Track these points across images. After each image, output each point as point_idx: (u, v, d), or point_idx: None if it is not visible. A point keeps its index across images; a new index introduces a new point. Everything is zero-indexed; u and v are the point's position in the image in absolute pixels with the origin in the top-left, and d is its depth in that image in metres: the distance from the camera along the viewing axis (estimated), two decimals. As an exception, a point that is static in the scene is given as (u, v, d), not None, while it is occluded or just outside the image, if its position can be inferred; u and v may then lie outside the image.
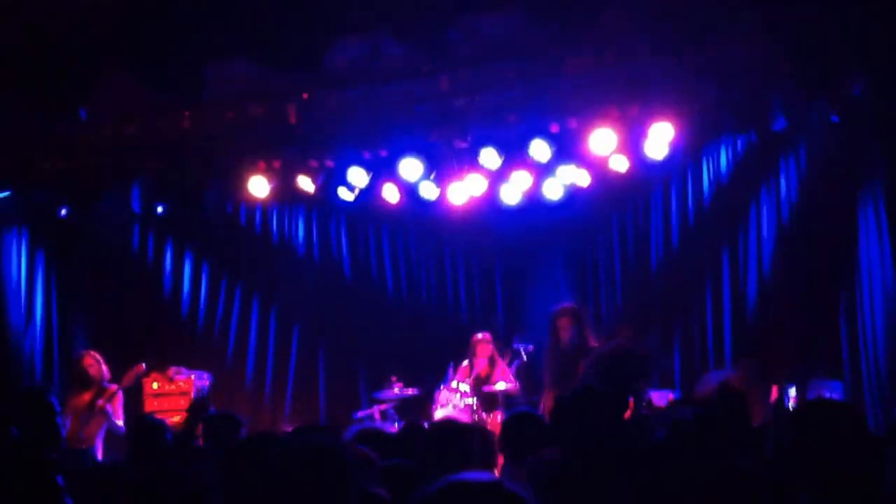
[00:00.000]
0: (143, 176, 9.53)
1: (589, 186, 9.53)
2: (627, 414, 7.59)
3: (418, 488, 2.06)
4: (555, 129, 9.05)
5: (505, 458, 4.74)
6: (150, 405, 8.84)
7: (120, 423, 7.66)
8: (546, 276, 10.05)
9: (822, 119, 8.67)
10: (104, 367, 7.94)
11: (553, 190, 9.65)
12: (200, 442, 5.42)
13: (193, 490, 2.64)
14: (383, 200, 9.78)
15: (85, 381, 7.86)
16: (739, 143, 9.38)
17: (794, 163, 9.12)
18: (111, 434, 7.61)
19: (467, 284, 10.06)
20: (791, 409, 7.49)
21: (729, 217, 9.40)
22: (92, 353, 8.04)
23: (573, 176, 9.44)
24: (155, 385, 8.92)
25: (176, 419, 7.98)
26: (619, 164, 9.28)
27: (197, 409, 5.67)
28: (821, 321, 8.75)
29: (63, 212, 9.39)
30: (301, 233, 10.56)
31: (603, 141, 8.82)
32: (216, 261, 10.35)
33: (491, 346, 8.81)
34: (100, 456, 7.45)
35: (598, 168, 9.35)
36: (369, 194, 9.75)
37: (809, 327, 8.77)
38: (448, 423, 4.84)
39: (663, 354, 9.19)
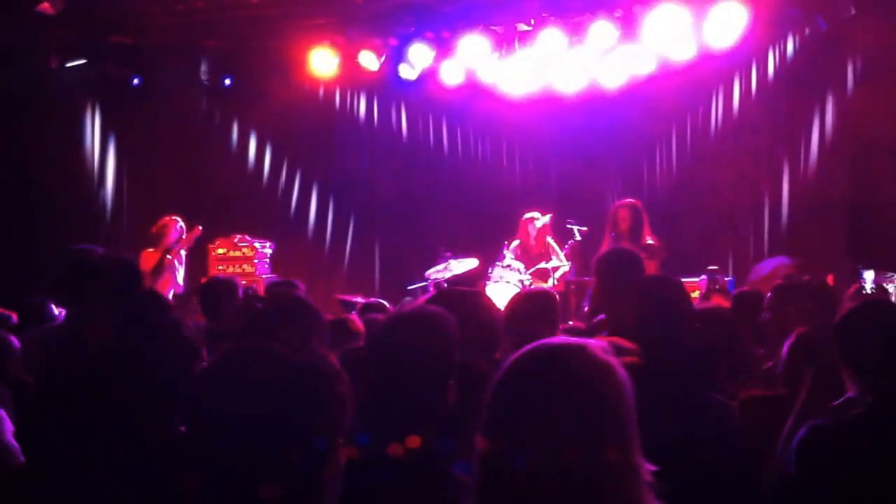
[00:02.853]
0: (211, 50, 9.78)
1: (650, 74, 9.50)
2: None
3: None
4: (619, 11, 9.02)
5: None
6: (214, 268, 9.21)
7: (179, 280, 8.04)
8: (601, 164, 10.12)
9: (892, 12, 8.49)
10: (183, 237, 8.23)
11: (613, 77, 9.64)
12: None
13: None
14: (443, 82, 9.89)
15: (158, 242, 8.20)
16: (808, 34, 9.22)
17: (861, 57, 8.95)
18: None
19: (523, 167, 10.16)
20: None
21: (792, 110, 9.31)
22: (178, 221, 8.30)
23: (635, 62, 9.41)
24: (220, 250, 9.28)
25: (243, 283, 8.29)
26: (684, 51, 9.23)
27: None
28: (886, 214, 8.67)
29: (134, 82, 9.70)
30: (362, 111, 10.73)
31: (668, 23, 8.77)
32: (279, 135, 10.57)
33: (545, 226, 8.95)
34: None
35: (661, 55, 9.30)
36: (430, 77, 9.87)
37: (873, 220, 8.71)
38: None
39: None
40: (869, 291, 7.40)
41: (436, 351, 2.44)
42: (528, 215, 9.05)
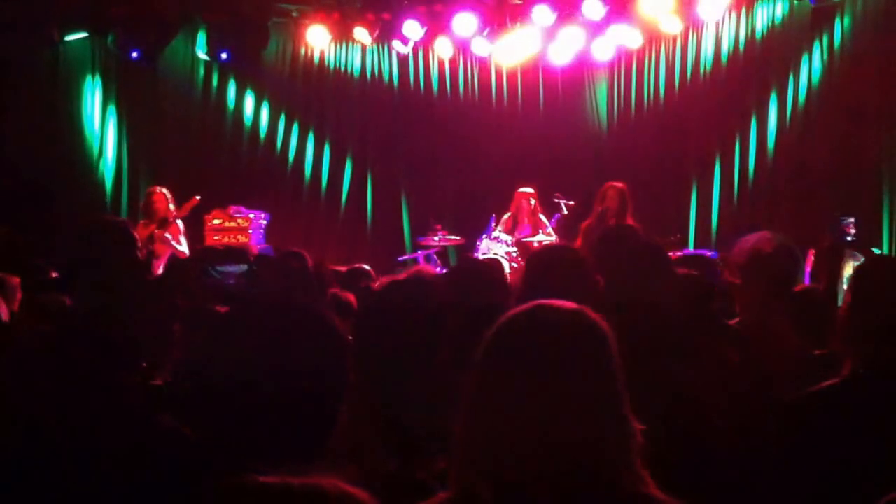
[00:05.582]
0: (210, 24, 9.93)
1: (639, 47, 9.61)
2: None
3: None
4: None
5: None
6: (210, 239, 9.41)
7: (182, 247, 8.22)
8: (590, 137, 10.24)
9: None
10: (172, 205, 8.47)
11: (603, 50, 9.73)
12: None
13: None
14: (436, 55, 10.01)
15: (151, 214, 8.42)
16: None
17: (850, 22, 8.93)
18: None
19: (512, 140, 10.27)
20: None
21: (766, 77, 9.33)
22: (162, 190, 8.53)
23: (625, 37, 9.50)
24: (216, 221, 9.49)
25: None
26: (672, 26, 9.32)
27: None
28: (859, 188, 8.72)
29: (133, 55, 9.87)
30: (354, 86, 10.82)
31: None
32: (275, 102, 10.68)
33: (533, 199, 9.07)
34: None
35: (650, 29, 9.40)
36: (423, 50, 10.00)
37: (849, 193, 8.77)
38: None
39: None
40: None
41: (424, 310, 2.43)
42: (522, 189, 9.15)
